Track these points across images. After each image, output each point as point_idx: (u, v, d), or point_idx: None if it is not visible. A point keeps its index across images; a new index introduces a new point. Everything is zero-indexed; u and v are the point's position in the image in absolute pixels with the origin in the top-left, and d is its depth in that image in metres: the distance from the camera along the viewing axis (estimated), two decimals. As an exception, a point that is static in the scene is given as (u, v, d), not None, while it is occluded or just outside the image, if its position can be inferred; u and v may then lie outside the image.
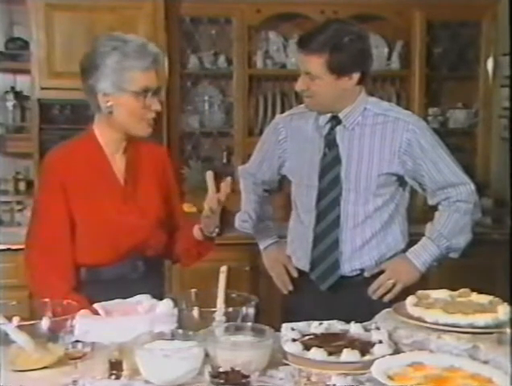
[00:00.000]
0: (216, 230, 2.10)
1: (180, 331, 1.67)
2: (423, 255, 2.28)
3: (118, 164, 2.10)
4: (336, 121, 2.29)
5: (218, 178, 2.08)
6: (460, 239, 2.28)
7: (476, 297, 1.89)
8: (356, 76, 2.21)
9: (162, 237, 2.17)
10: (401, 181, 2.32)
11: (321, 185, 2.29)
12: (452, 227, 2.27)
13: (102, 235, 2.05)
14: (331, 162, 2.29)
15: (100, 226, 2.05)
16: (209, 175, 1.97)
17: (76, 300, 1.88)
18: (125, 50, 1.98)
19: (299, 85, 2.27)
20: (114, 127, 2.06)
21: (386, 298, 2.25)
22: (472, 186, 2.29)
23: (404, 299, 1.90)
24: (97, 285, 2.03)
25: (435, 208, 2.34)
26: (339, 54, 2.16)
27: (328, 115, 2.30)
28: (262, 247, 2.55)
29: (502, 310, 1.74)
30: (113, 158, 2.10)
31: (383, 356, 1.61)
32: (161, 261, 2.27)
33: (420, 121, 2.34)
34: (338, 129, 2.29)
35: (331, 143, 2.30)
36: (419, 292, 1.93)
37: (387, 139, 2.26)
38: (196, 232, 2.11)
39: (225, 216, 2.28)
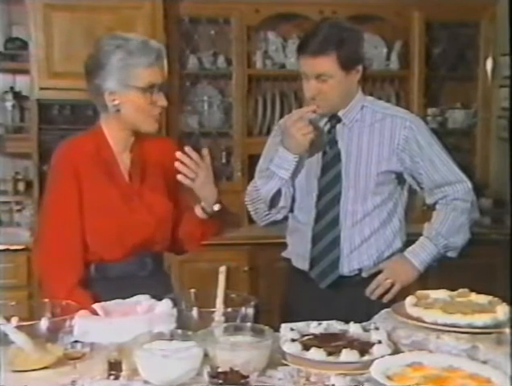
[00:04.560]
0: (217, 205, 2.11)
1: (179, 331, 1.67)
2: (421, 254, 2.28)
3: (124, 161, 2.12)
4: (335, 119, 2.31)
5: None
6: (457, 238, 2.29)
7: (475, 298, 1.90)
8: (360, 69, 2.24)
9: (168, 232, 2.18)
10: (399, 179, 2.33)
11: (321, 183, 2.29)
12: (450, 225, 2.28)
13: (107, 230, 2.06)
14: (331, 160, 2.30)
15: (105, 221, 2.06)
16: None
17: (81, 295, 1.93)
18: (128, 47, 2.00)
19: (310, 92, 2.23)
20: (122, 125, 2.07)
21: (385, 299, 2.25)
22: (469, 184, 2.30)
23: (403, 299, 1.90)
24: (106, 282, 2.05)
25: (433, 208, 2.34)
26: (345, 49, 2.18)
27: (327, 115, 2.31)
28: None
29: (501, 310, 1.74)
30: (121, 155, 2.11)
31: (382, 356, 1.61)
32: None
33: (418, 118, 2.36)
34: (338, 127, 2.30)
35: (331, 141, 2.31)
36: (418, 292, 1.93)
37: (386, 136, 2.27)
38: (198, 210, 2.13)
39: (224, 216, 2.28)
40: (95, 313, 1.82)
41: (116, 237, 2.07)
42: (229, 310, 1.80)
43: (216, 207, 2.11)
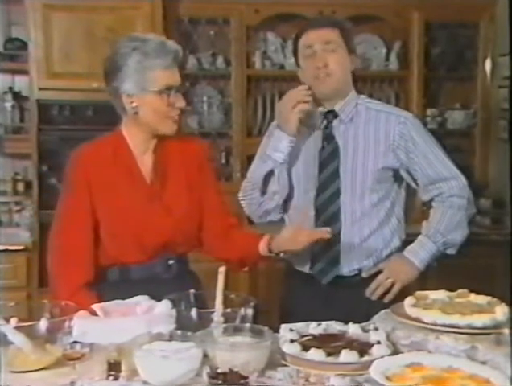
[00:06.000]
0: (283, 253, 2.16)
1: (179, 332, 1.67)
2: (420, 253, 2.28)
3: (145, 163, 2.10)
4: (332, 115, 2.32)
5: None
6: (455, 234, 2.30)
7: (474, 298, 1.89)
8: (355, 60, 2.33)
9: (191, 233, 2.16)
10: (396, 177, 2.34)
11: (320, 179, 2.30)
12: (448, 223, 2.28)
13: (126, 233, 2.05)
14: (329, 156, 2.30)
15: (123, 224, 2.05)
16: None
17: (84, 297, 1.93)
18: (145, 49, 1.99)
19: (317, 62, 2.25)
20: (141, 127, 2.06)
21: (386, 299, 2.25)
22: (464, 180, 2.32)
23: (402, 300, 1.90)
24: (131, 285, 2.03)
25: (430, 206, 2.35)
26: (344, 30, 2.32)
27: (324, 110, 2.32)
28: None
29: (500, 311, 1.74)
30: (141, 157, 2.10)
31: (382, 357, 1.61)
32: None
33: (412, 116, 2.38)
34: (334, 122, 2.32)
35: (329, 137, 2.32)
36: (418, 292, 1.93)
37: (381, 133, 2.29)
38: (263, 248, 2.14)
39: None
40: (95, 313, 1.82)
41: (134, 240, 2.06)
42: (229, 310, 1.80)
43: (282, 255, 2.17)
